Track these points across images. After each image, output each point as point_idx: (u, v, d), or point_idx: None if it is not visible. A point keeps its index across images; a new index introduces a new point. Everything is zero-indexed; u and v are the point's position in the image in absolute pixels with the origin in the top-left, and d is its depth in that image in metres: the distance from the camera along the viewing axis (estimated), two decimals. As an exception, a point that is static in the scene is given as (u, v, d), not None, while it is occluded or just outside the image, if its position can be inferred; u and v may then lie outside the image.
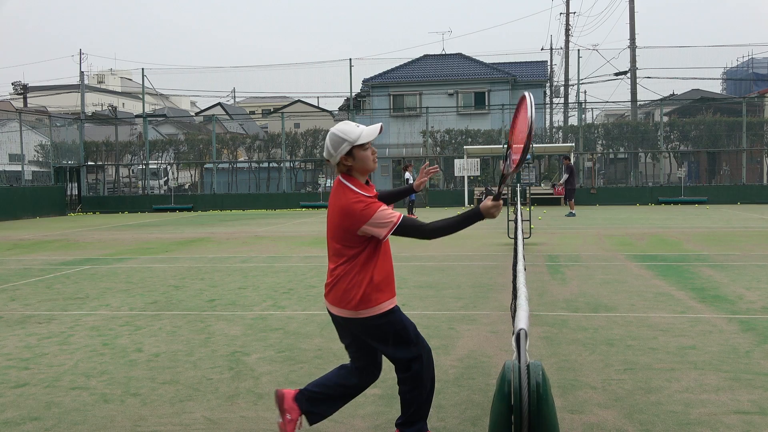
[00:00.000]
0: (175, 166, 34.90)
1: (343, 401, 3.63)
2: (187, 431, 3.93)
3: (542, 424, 2.17)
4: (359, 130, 3.38)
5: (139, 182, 36.17)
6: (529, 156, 21.90)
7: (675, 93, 40.55)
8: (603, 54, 79.08)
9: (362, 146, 3.38)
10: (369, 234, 3.33)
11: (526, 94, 3.27)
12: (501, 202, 3.35)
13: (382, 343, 3.45)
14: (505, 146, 3.52)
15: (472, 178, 29.82)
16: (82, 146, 32.96)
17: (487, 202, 3.32)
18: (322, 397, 3.58)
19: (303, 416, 3.57)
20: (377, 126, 3.44)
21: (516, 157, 3.37)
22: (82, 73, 37.07)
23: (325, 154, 3.45)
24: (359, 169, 3.41)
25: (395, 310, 3.48)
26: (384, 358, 3.60)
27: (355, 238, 3.35)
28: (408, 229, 3.33)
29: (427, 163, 3.77)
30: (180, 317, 7.01)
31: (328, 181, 31.89)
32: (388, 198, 3.86)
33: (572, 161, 24.29)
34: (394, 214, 3.32)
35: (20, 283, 9.58)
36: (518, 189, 13.74)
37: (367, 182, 3.47)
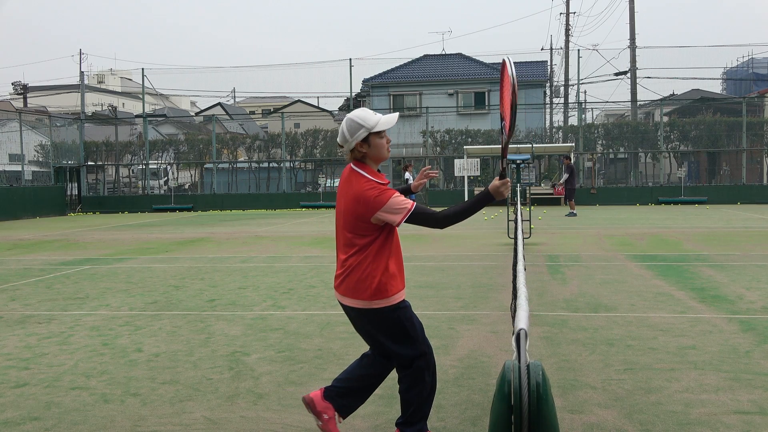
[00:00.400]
0: (175, 166, 34.89)
1: (370, 390, 3.65)
2: (187, 431, 3.93)
3: (542, 424, 2.17)
4: (377, 117, 3.41)
5: (139, 182, 36.17)
6: (528, 156, 21.85)
7: (675, 93, 40.56)
8: (603, 54, 79.04)
9: (378, 134, 3.41)
10: (383, 221, 3.33)
11: (506, 58, 3.31)
12: (508, 179, 3.36)
13: (389, 337, 3.44)
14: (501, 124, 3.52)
15: (472, 178, 29.82)
16: (82, 146, 32.96)
17: (495, 182, 3.34)
18: (350, 391, 3.60)
19: (337, 412, 3.59)
20: (395, 115, 3.47)
21: (507, 121, 3.38)
22: (82, 73, 37.07)
23: (339, 139, 3.45)
24: (373, 156, 3.43)
25: (407, 305, 3.49)
26: None
27: (368, 227, 3.35)
28: (421, 216, 3.34)
29: (429, 166, 3.79)
30: (180, 317, 7.01)
31: (328, 181, 31.87)
32: None
33: (572, 161, 24.30)
34: (407, 201, 3.33)
35: (20, 283, 9.58)
36: (518, 189, 13.72)
37: (378, 171, 3.48)
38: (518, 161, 16.14)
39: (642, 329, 6.05)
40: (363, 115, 3.39)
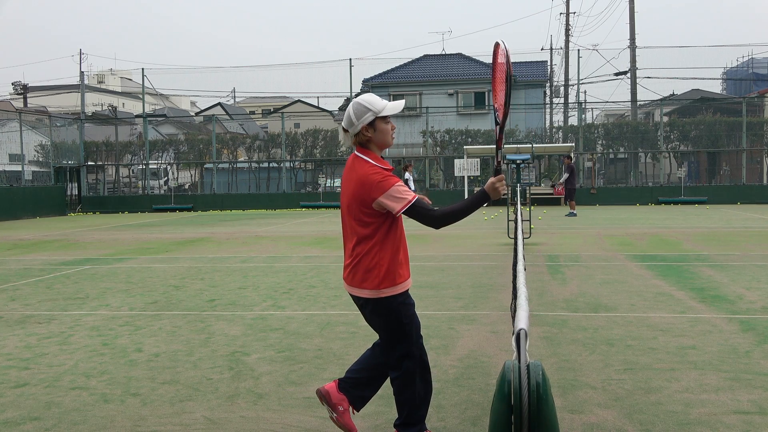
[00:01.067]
0: (175, 166, 34.89)
1: (383, 380, 3.66)
2: (187, 431, 3.93)
3: (542, 424, 2.17)
4: (384, 102, 3.44)
5: (139, 182, 36.16)
6: (528, 156, 21.86)
7: (675, 93, 40.53)
8: (603, 54, 79.08)
9: (384, 119, 3.43)
10: (384, 207, 3.33)
11: (499, 41, 3.35)
12: (503, 175, 3.36)
13: (386, 331, 3.44)
14: (495, 115, 3.53)
15: (472, 178, 29.82)
16: (82, 146, 32.96)
17: (491, 179, 3.36)
18: (366, 381, 3.61)
19: (351, 405, 3.60)
20: (401, 102, 3.49)
21: (500, 107, 3.40)
22: (82, 73, 37.06)
23: (344, 123, 3.45)
24: (378, 142, 3.44)
25: (412, 303, 3.50)
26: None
27: (371, 212, 3.35)
28: (420, 211, 3.34)
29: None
30: (180, 317, 7.01)
31: (328, 181, 31.87)
32: None
33: (573, 161, 24.28)
34: (410, 191, 3.34)
35: (20, 283, 9.58)
36: (518, 189, 13.71)
37: (382, 157, 3.49)
38: (518, 161, 16.12)
39: (642, 329, 6.05)
40: (370, 99, 3.43)
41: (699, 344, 5.51)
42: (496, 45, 3.44)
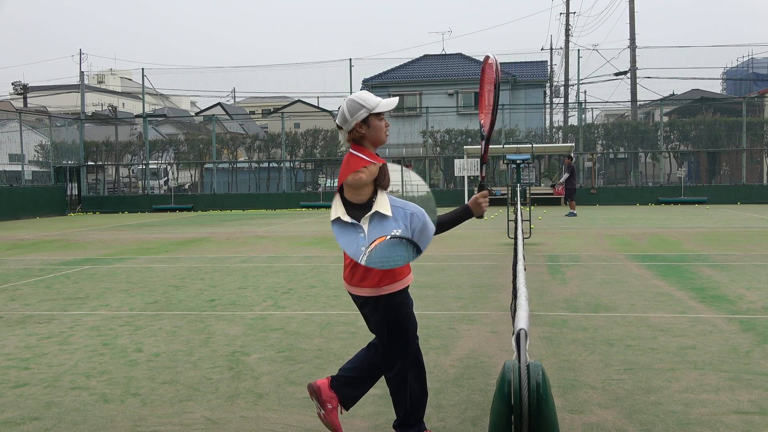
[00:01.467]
0: (175, 166, 34.89)
1: (375, 380, 3.66)
2: (187, 431, 3.93)
3: (542, 424, 2.17)
4: (378, 99, 3.44)
5: (139, 182, 36.18)
6: (528, 156, 21.74)
7: (675, 93, 40.52)
8: (603, 54, 78.86)
9: (378, 115, 3.42)
10: None
11: (490, 54, 3.35)
12: (486, 191, 3.37)
13: (383, 329, 3.44)
14: (481, 131, 3.53)
15: (472, 178, 29.83)
16: (82, 146, 32.97)
17: (474, 195, 3.38)
18: (359, 380, 3.60)
19: (340, 404, 3.60)
20: (395, 99, 3.50)
21: (486, 119, 3.40)
22: (82, 73, 37.08)
23: (338, 119, 3.44)
24: (372, 139, 3.43)
25: (411, 303, 3.50)
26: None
27: None
28: None
29: None
30: (180, 317, 7.01)
31: (328, 181, 31.88)
32: None
33: (573, 161, 24.27)
34: None
35: (20, 283, 9.58)
36: (518, 189, 13.71)
37: (376, 154, 3.49)
38: (518, 161, 16.11)
39: (642, 329, 6.05)
40: (364, 96, 3.42)
41: (699, 344, 5.51)
42: (486, 58, 3.44)
